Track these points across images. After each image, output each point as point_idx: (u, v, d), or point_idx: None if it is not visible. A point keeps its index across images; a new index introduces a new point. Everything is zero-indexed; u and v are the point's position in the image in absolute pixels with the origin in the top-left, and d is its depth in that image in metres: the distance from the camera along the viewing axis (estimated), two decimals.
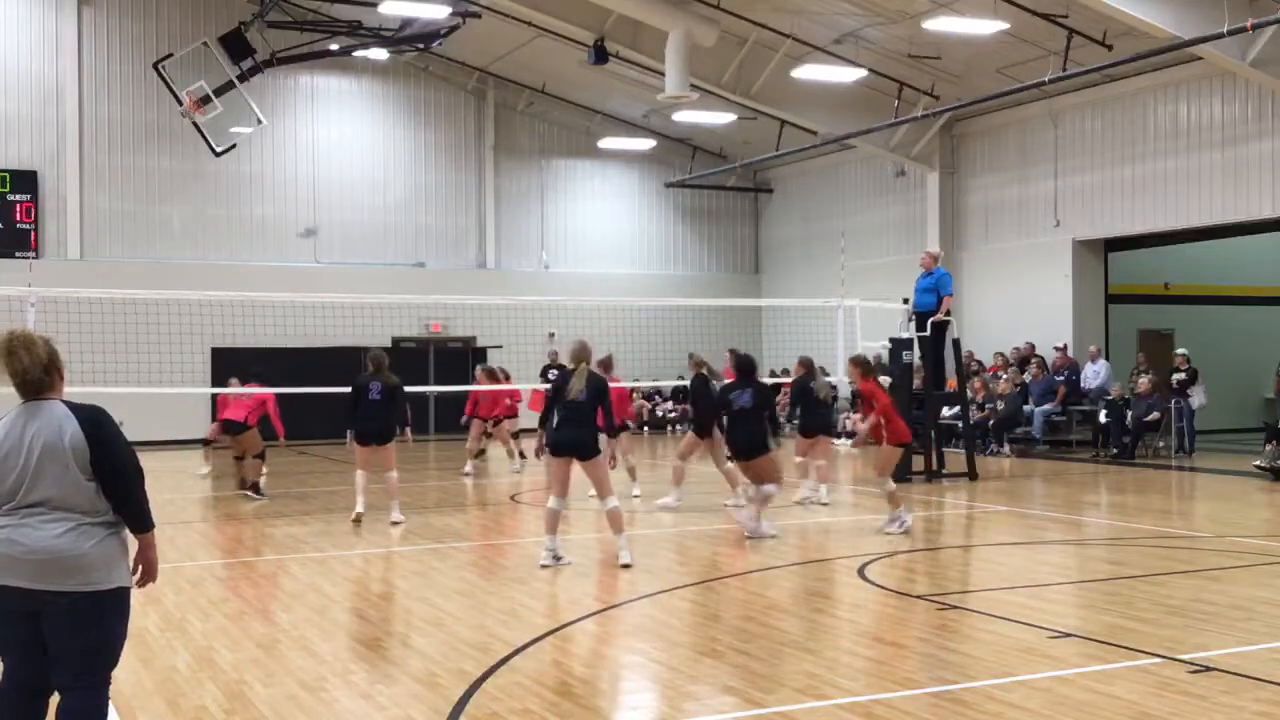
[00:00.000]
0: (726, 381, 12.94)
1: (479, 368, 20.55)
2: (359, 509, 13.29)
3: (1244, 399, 25.19)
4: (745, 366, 12.36)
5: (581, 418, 10.21)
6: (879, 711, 6.03)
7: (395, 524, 13.18)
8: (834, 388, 17.36)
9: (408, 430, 13.74)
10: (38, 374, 4.65)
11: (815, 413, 14.63)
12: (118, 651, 4.73)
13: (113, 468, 4.59)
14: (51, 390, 4.69)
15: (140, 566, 4.82)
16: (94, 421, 4.62)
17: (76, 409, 4.65)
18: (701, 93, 23.23)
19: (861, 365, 12.70)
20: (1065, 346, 22.83)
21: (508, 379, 20.66)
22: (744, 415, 11.93)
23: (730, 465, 13.59)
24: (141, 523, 4.73)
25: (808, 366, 14.77)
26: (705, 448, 14.41)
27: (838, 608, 8.90)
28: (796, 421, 14.90)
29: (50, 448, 4.53)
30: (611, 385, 12.61)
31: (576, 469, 10.34)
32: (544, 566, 10.20)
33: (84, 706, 4.58)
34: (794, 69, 22.84)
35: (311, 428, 24.36)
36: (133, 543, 4.83)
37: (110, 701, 4.78)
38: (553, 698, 6.35)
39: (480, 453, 20.36)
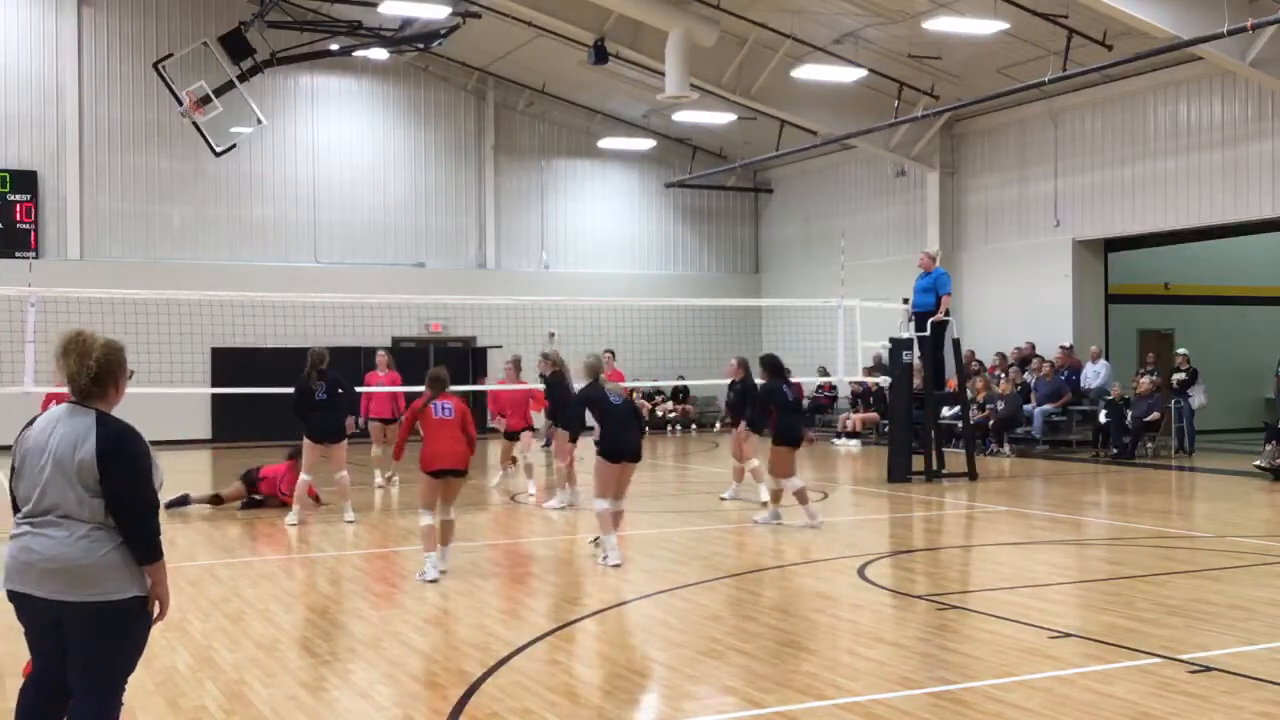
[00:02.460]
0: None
1: (381, 352, 18.12)
2: (294, 520, 13.20)
3: (1244, 399, 25.18)
4: (777, 365, 13.11)
5: (631, 422, 10.69)
6: (879, 711, 6.03)
7: (350, 523, 13.26)
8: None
9: (352, 420, 13.84)
10: (83, 382, 4.54)
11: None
12: (133, 660, 4.66)
13: (120, 496, 4.46)
14: (98, 400, 4.57)
15: (153, 601, 4.66)
16: (114, 445, 4.47)
17: (104, 426, 4.50)
18: (701, 93, 23.22)
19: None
20: (1071, 347, 22.83)
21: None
22: (794, 407, 13.00)
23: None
24: (144, 553, 4.53)
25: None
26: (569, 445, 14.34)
27: (838, 608, 8.90)
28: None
29: (60, 460, 4.45)
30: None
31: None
32: (616, 566, 10.27)
33: (92, 712, 4.54)
34: (794, 69, 22.84)
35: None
36: None
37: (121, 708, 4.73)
38: (553, 698, 6.35)
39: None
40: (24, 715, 4.68)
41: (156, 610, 4.69)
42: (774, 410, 12.83)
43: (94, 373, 4.53)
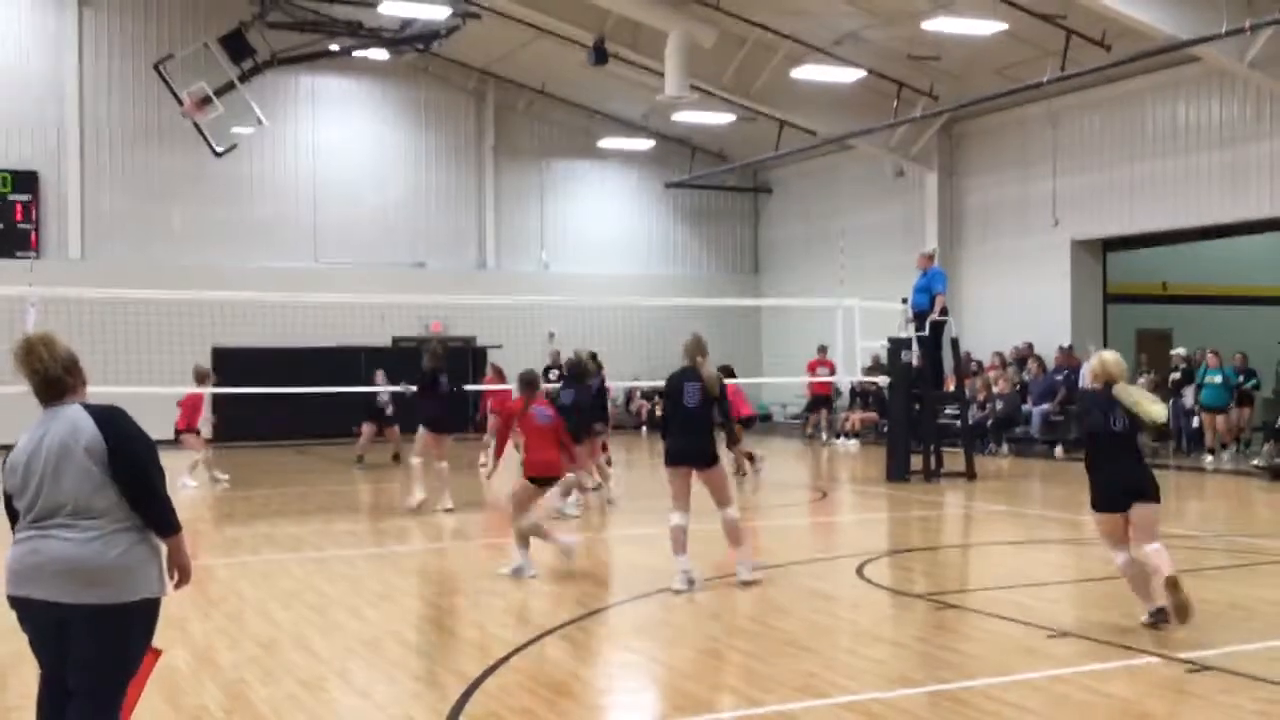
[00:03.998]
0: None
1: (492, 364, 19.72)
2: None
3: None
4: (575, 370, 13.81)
5: (697, 424, 9.33)
6: (878, 710, 6.04)
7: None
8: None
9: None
10: (57, 372, 4.56)
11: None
12: (136, 664, 4.65)
13: (132, 468, 4.48)
14: (71, 393, 4.60)
15: (174, 571, 4.70)
16: (110, 421, 4.52)
17: (92, 410, 4.55)
18: (701, 93, 23.24)
19: None
20: (1071, 348, 22.81)
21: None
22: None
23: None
24: (166, 525, 4.59)
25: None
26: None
27: (837, 607, 8.91)
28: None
29: (66, 451, 4.45)
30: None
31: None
32: (678, 592, 9.02)
33: (93, 714, 4.51)
34: (793, 69, 22.85)
35: (311, 427, 24.38)
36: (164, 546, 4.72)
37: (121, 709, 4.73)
38: (553, 698, 6.37)
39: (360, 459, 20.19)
40: (48, 715, 4.64)
41: (176, 578, 4.72)
42: None
43: (65, 362, 4.57)
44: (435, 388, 14.24)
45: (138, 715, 6.08)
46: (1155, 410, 7.67)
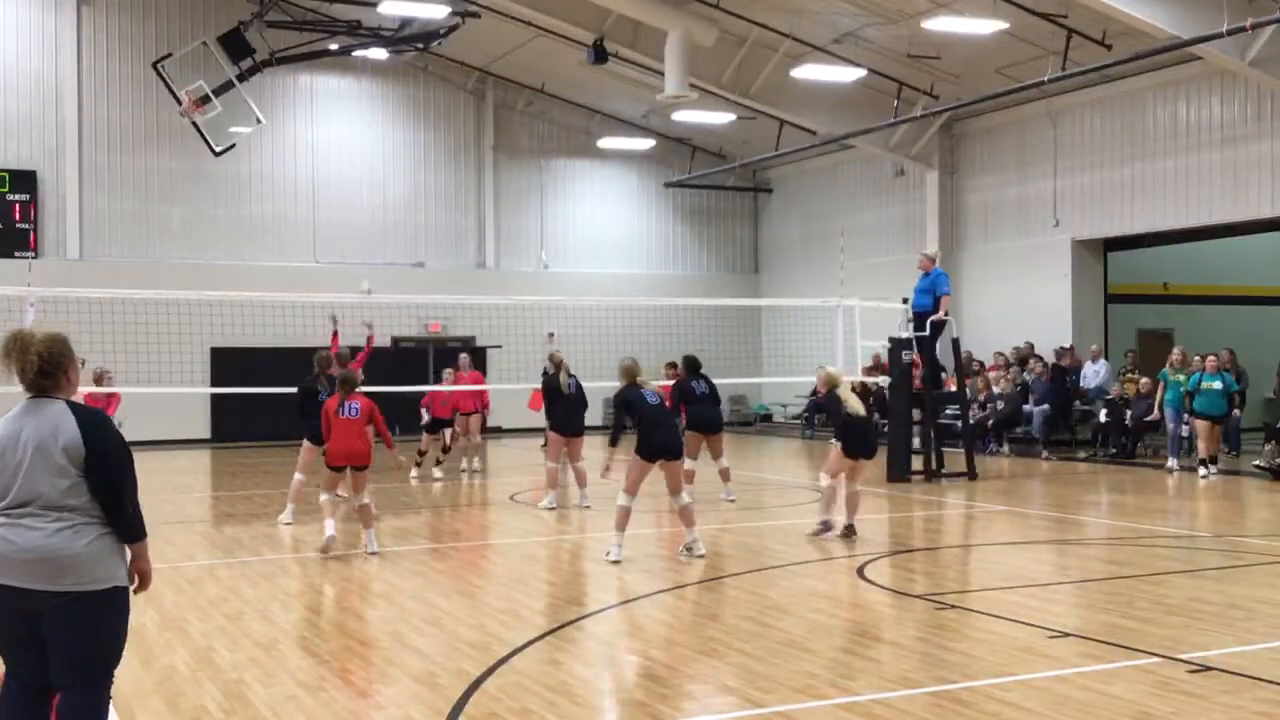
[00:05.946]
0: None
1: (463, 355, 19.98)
2: (288, 519, 13.56)
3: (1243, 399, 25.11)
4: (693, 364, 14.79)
5: (668, 420, 11.23)
6: (878, 711, 6.03)
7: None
8: None
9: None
10: (32, 377, 4.63)
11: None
12: (118, 651, 4.66)
13: (106, 474, 4.54)
14: (55, 390, 4.66)
15: (134, 576, 4.75)
16: (92, 425, 4.58)
17: (77, 410, 4.60)
18: (701, 93, 23.22)
19: None
20: (1072, 348, 22.79)
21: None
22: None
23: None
24: (131, 533, 4.65)
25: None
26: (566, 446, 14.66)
27: (838, 608, 8.90)
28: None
29: (42, 447, 4.50)
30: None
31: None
32: (615, 562, 10.40)
33: (83, 707, 4.52)
34: (793, 69, 22.84)
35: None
36: None
37: (110, 702, 4.73)
38: (553, 698, 6.36)
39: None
40: (8, 716, 4.64)
41: (136, 583, 4.76)
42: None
43: (38, 366, 4.61)
44: (316, 398, 13.73)
45: (136, 716, 6.08)
46: (855, 406, 11.79)
